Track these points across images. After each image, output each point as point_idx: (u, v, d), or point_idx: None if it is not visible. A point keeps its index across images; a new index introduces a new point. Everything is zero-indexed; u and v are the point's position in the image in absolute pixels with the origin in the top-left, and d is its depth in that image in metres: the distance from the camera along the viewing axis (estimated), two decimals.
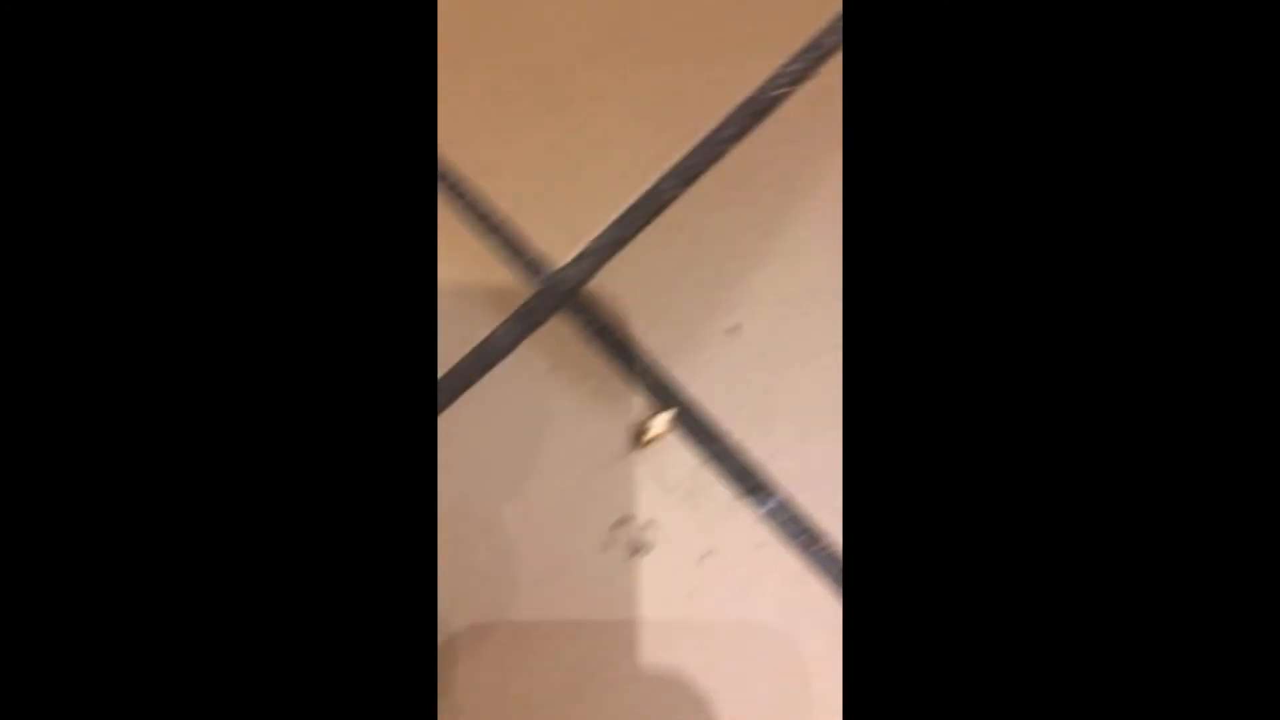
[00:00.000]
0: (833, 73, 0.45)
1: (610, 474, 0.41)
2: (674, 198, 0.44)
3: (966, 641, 0.22)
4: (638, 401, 0.42)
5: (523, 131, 0.45)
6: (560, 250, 0.44)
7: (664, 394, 0.42)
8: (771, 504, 0.41)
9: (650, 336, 0.43)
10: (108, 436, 0.22)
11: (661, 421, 0.41)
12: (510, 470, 0.41)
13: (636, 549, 0.40)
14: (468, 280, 0.43)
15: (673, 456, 0.41)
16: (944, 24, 0.23)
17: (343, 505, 0.22)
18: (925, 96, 0.23)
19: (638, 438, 0.41)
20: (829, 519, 0.40)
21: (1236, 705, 0.22)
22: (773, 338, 0.42)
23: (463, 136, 0.45)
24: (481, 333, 0.43)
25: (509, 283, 0.44)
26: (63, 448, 0.22)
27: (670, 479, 0.41)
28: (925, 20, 0.23)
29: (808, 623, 0.39)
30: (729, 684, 0.39)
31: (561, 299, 0.43)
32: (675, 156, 0.44)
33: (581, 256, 0.44)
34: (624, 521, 0.41)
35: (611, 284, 0.43)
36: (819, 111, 0.44)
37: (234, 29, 0.23)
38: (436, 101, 0.44)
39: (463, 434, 0.42)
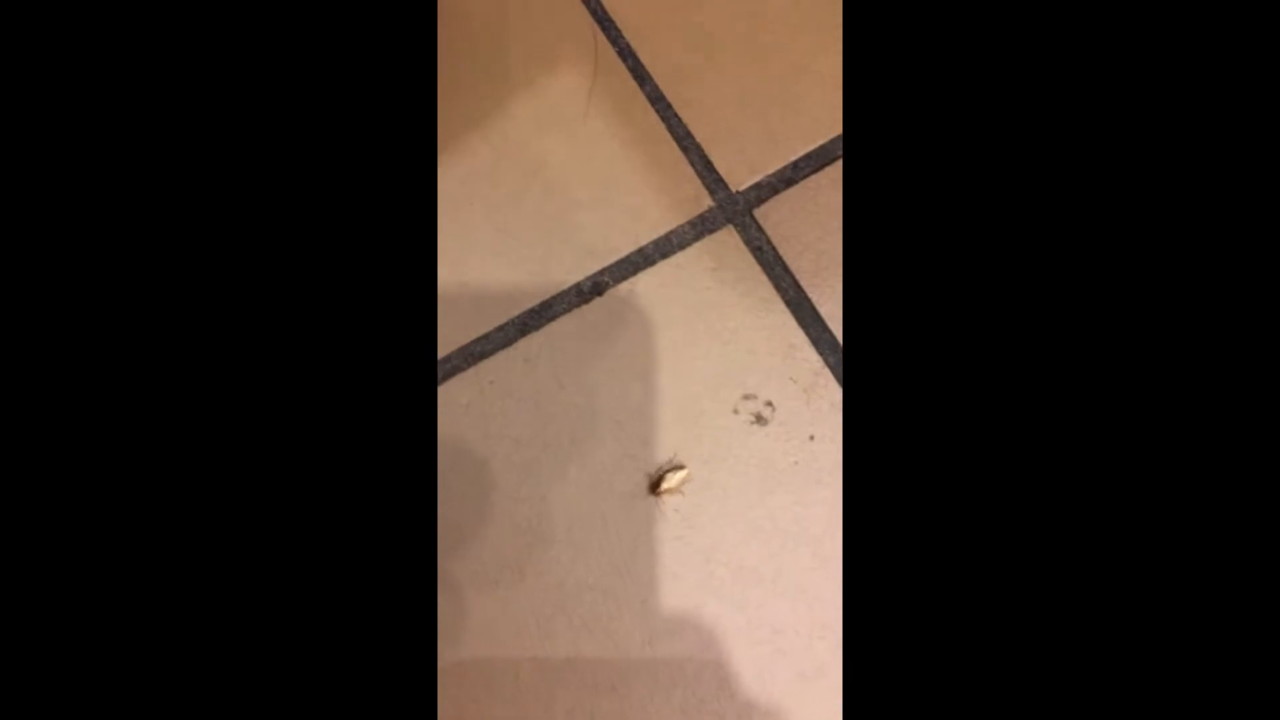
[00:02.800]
0: None
1: (746, 360, 0.51)
2: (839, 156, 0.54)
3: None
4: (660, 458, 0.51)
5: (728, 78, 0.55)
6: (739, 177, 0.54)
7: (800, 308, 0.52)
8: None
9: (799, 261, 0.53)
10: (115, 407, 0.23)
11: (676, 478, 0.48)
12: (669, 334, 0.51)
13: (758, 419, 0.50)
14: (664, 187, 0.54)
15: (798, 355, 0.51)
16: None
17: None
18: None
19: (654, 485, 0.49)
20: None
21: (1236, 704, 0.22)
22: None
23: (678, 73, 0.55)
24: (666, 228, 0.53)
25: (695, 194, 0.54)
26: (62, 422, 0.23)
27: (795, 373, 0.51)
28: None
29: None
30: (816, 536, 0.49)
31: (733, 216, 0.53)
32: None
33: (756, 186, 0.54)
34: (751, 396, 0.51)
35: (775, 213, 0.53)
36: None
37: None
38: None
39: (638, 301, 0.52)
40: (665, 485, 0.48)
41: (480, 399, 0.50)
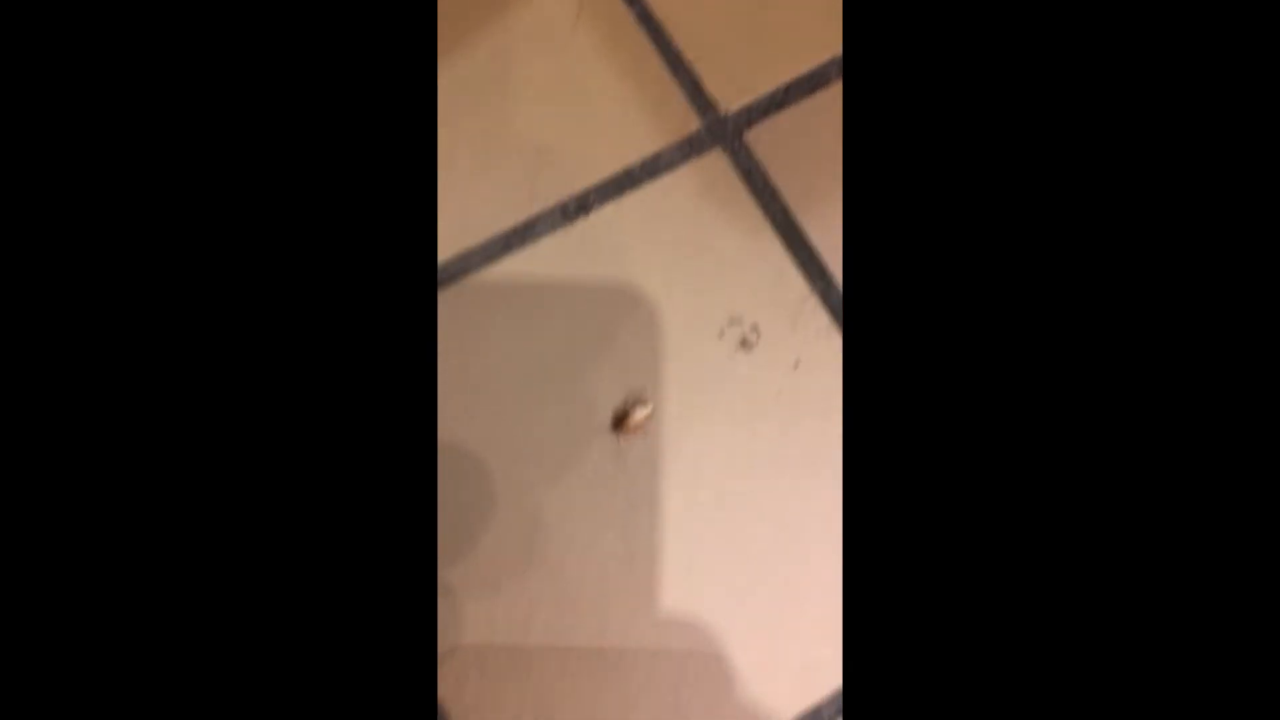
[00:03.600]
0: None
1: (733, 284, 0.50)
2: (832, 80, 0.53)
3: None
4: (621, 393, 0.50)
5: None
6: (729, 99, 0.53)
7: (789, 233, 0.51)
8: None
9: (789, 186, 0.52)
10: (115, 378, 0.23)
11: (641, 415, 0.47)
12: (655, 256, 0.50)
13: (743, 343, 0.50)
14: (649, 107, 0.52)
15: (785, 280, 0.50)
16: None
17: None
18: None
19: (619, 421, 0.47)
20: None
21: (1236, 705, 0.22)
22: None
23: None
24: (653, 149, 0.52)
25: (683, 115, 0.52)
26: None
27: (781, 299, 0.50)
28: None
29: None
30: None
31: (722, 139, 0.52)
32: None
33: (746, 108, 0.53)
34: (736, 320, 0.50)
35: (766, 136, 0.52)
36: None
37: None
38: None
39: (623, 222, 0.51)
40: (631, 421, 0.47)
41: (460, 318, 0.49)
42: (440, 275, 0.49)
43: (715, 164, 0.52)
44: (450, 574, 0.46)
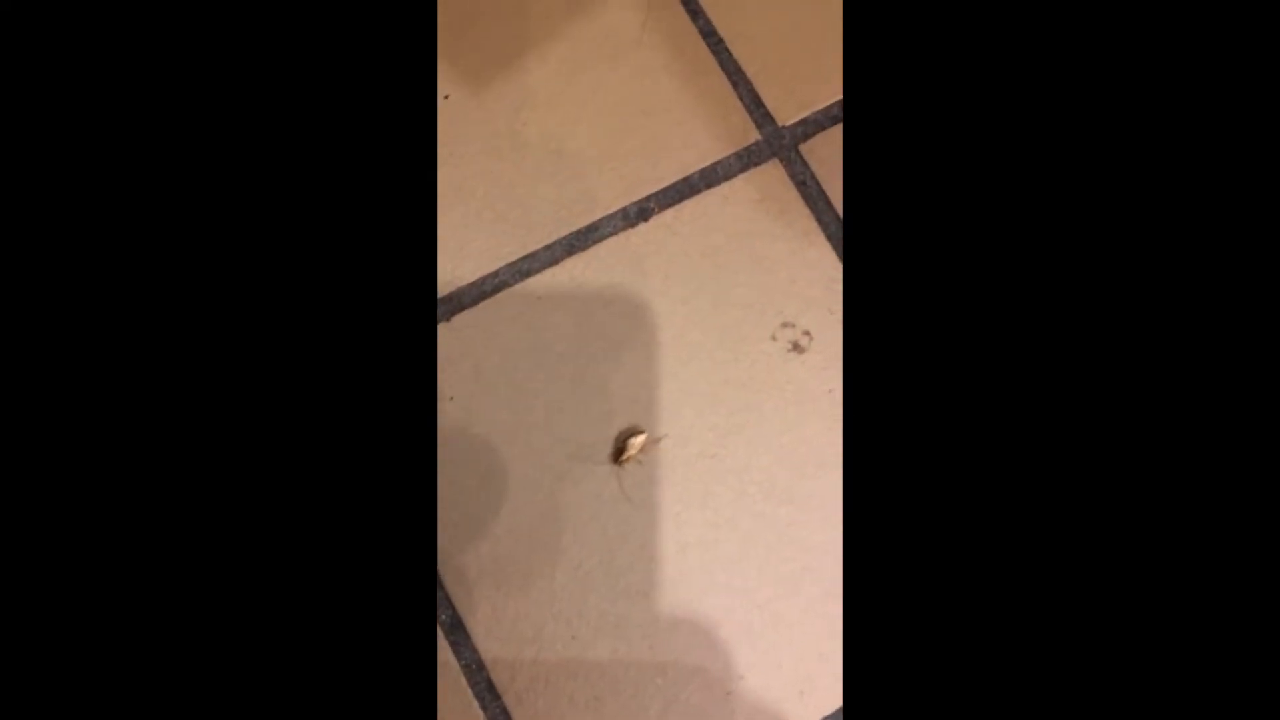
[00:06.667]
0: None
1: (786, 289, 0.52)
2: None
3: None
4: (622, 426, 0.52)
5: (780, 14, 0.56)
6: (787, 112, 0.55)
7: (841, 240, 0.53)
8: None
9: (841, 196, 0.54)
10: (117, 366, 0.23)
11: (637, 444, 0.48)
12: (712, 261, 0.52)
13: (795, 346, 0.51)
14: (712, 119, 0.54)
15: (837, 287, 0.52)
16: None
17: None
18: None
19: (617, 454, 0.49)
20: None
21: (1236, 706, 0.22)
22: None
23: (730, 7, 0.56)
24: (713, 158, 0.54)
25: (743, 127, 0.55)
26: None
27: (833, 304, 0.52)
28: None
29: None
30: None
31: (779, 150, 0.54)
32: None
33: (802, 122, 0.55)
34: (789, 324, 0.52)
35: (821, 149, 0.54)
36: None
37: None
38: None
39: (683, 229, 0.53)
40: (627, 454, 0.48)
41: (528, 313, 0.51)
42: (506, 274, 0.51)
43: (772, 174, 0.54)
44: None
